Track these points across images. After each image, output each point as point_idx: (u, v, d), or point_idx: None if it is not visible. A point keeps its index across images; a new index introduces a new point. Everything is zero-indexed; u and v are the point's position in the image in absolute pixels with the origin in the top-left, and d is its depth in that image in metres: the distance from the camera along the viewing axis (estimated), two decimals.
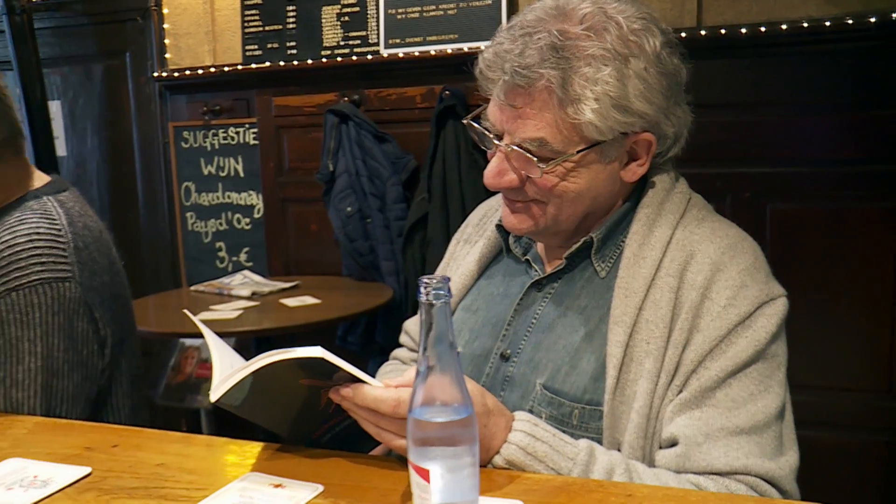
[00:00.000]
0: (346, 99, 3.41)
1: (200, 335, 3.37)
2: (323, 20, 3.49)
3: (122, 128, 4.14)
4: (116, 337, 1.48)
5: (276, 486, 1.02)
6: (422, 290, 0.85)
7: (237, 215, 3.82)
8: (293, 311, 2.87)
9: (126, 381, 1.52)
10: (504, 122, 1.18)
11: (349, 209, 3.30)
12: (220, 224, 3.86)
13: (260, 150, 3.71)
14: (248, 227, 3.80)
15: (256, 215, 3.77)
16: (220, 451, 1.16)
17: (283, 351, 1.01)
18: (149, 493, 1.02)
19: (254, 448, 1.15)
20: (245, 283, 3.32)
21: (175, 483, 1.05)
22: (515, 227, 1.26)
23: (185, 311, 1.37)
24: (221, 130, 3.80)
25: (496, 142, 1.21)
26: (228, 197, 3.83)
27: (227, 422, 1.83)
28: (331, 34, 3.48)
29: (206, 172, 3.87)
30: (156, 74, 3.88)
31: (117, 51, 4.09)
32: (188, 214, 3.93)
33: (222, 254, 3.87)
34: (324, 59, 3.50)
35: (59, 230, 1.42)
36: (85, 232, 1.48)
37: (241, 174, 3.79)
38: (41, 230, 1.40)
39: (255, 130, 3.71)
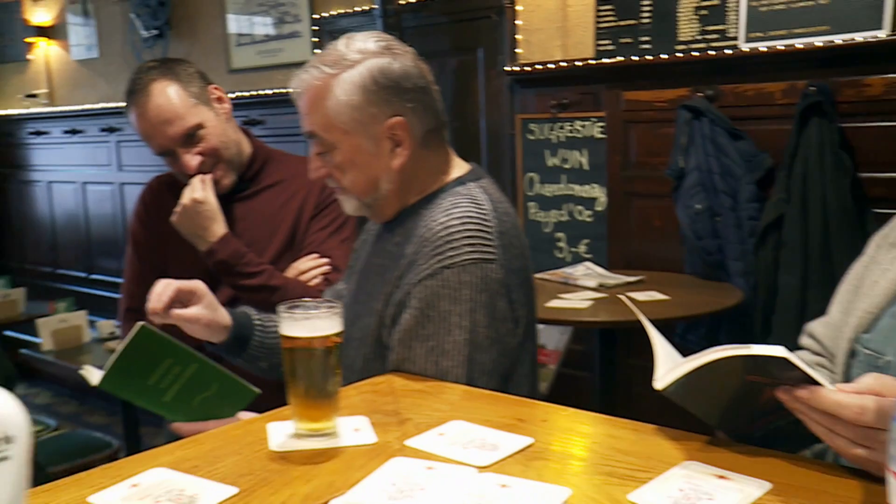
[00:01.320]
0: (699, 94, 3.36)
1: None
2: (679, 14, 3.46)
3: (472, 119, 4.38)
4: (527, 318, 1.58)
5: (720, 477, 1.03)
6: None
7: (579, 207, 3.90)
8: (641, 306, 2.83)
9: (529, 361, 1.62)
10: None
11: (698, 206, 3.25)
12: (562, 215, 3.97)
13: (607, 143, 3.76)
14: (589, 220, 3.87)
15: (598, 208, 3.83)
16: (650, 436, 1.19)
17: (740, 347, 1.03)
18: (594, 468, 1.08)
19: (684, 437, 1.17)
20: (589, 273, 3.38)
21: (616, 462, 1.10)
22: None
23: (623, 297, 1.42)
24: (567, 123, 3.90)
25: None
26: (571, 189, 3.93)
27: None
28: (687, 28, 3.44)
29: (550, 164, 3.99)
30: (507, 69, 4.05)
31: (470, 46, 4.33)
32: (530, 204, 4.08)
33: (561, 244, 3.98)
34: (678, 54, 3.47)
35: (487, 215, 1.54)
36: (505, 217, 1.59)
37: (585, 167, 3.86)
38: (471, 214, 1.52)
39: (602, 124, 3.77)
